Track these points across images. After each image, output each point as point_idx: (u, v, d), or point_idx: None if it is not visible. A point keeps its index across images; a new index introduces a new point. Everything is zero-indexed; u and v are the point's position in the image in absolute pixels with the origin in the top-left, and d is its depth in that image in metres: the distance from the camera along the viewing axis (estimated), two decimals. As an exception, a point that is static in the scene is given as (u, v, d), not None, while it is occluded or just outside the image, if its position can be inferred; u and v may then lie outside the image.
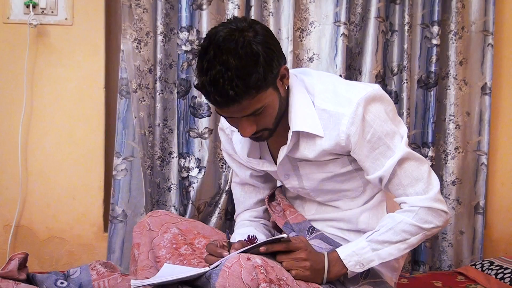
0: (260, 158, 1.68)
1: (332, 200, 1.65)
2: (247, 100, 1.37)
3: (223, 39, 1.37)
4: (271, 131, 1.50)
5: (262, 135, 1.50)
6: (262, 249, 1.44)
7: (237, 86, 1.34)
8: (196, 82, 1.41)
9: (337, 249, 1.52)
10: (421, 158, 1.54)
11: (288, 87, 1.52)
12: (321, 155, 1.53)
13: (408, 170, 1.51)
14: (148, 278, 1.58)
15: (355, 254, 1.50)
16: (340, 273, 1.51)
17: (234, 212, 1.89)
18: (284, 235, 1.49)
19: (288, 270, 1.45)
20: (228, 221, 2.41)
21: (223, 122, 1.72)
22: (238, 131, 1.49)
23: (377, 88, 1.51)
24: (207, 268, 1.42)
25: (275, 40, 1.44)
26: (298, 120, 1.50)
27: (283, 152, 1.56)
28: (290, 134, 1.51)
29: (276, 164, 1.61)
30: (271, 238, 1.48)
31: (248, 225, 1.78)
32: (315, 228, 1.65)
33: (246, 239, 1.55)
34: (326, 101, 1.50)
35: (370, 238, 1.51)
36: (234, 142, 1.66)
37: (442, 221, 1.53)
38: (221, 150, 2.35)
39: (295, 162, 1.60)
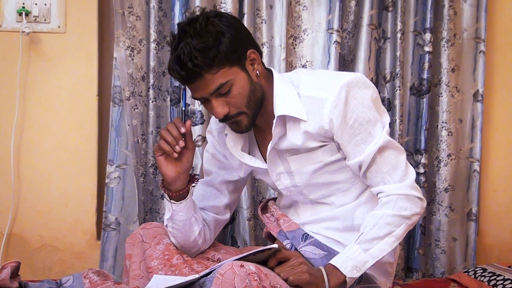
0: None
1: (325, 196, 1.66)
2: (209, 74, 1.46)
3: (188, 22, 1.49)
4: (248, 117, 1.54)
5: (240, 120, 1.54)
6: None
7: (195, 58, 1.44)
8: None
9: (330, 261, 1.53)
10: (400, 148, 1.58)
11: (272, 80, 1.59)
12: (307, 138, 1.56)
13: (387, 158, 1.55)
14: (138, 287, 1.58)
15: (349, 259, 1.51)
16: (339, 282, 1.50)
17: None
18: (276, 245, 1.50)
19: (286, 280, 1.45)
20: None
21: (212, 125, 1.77)
22: (215, 116, 1.55)
23: (360, 75, 1.56)
24: (196, 275, 1.43)
25: (242, 25, 1.60)
26: (282, 106, 1.55)
27: (271, 144, 1.59)
28: (275, 121, 1.55)
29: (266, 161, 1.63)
30: (263, 248, 1.49)
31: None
32: (308, 235, 1.66)
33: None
34: (310, 88, 1.56)
35: (358, 240, 1.53)
36: (227, 142, 1.67)
37: (420, 207, 1.57)
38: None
39: (284, 158, 1.62)
